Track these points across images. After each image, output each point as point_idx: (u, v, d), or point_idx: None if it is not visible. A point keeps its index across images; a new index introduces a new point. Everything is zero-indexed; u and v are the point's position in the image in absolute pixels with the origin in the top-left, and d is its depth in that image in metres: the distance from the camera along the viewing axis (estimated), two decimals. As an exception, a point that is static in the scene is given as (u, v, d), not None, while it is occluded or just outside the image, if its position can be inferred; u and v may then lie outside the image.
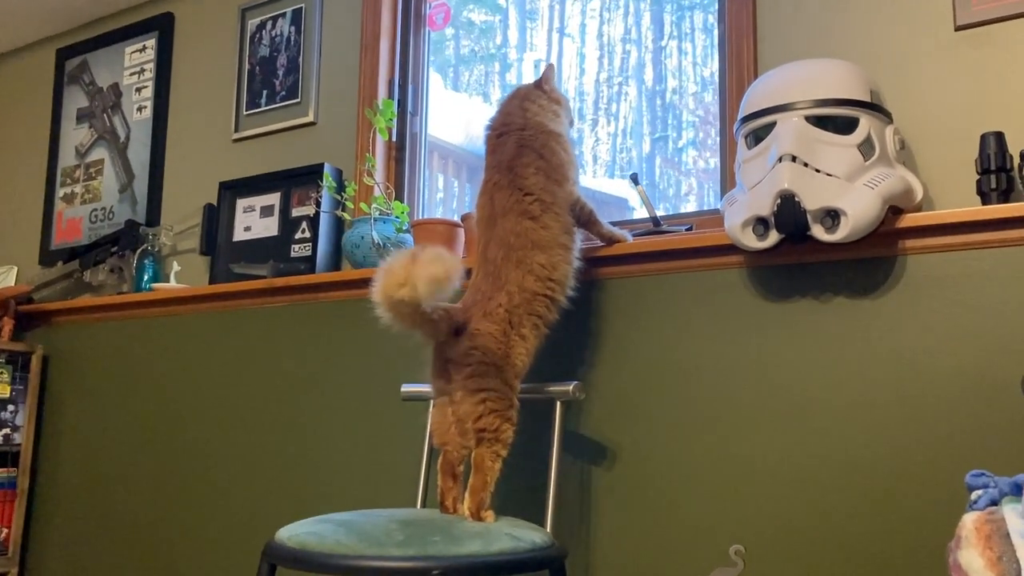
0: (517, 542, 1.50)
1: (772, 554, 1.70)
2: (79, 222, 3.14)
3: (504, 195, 1.74)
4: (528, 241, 1.70)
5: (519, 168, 1.75)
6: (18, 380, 2.87)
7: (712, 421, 1.81)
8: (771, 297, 1.79)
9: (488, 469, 1.60)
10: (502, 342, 1.64)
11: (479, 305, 1.68)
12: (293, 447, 2.40)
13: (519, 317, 1.67)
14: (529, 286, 1.68)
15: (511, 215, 1.72)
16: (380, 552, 1.40)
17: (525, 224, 1.71)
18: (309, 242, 2.51)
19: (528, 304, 1.69)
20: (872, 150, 1.63)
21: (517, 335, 1.67)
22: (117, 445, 2.75)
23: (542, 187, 1.74)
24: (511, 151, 1.78)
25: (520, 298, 1.68)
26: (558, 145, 1.80)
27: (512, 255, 1.70)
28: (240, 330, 2.56)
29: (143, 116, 3.05)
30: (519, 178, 1.74)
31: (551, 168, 1.76)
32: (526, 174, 1.75)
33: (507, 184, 1.75)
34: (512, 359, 1.65)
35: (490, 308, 1.67)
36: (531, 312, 1.69)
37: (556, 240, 1.73)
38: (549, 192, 1.74)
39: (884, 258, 1.68)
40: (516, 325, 1.67)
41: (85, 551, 2.76)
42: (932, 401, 1.61)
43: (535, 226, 1.71)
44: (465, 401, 1.61)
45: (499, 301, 1.67)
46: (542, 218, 1.72)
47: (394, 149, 2.57)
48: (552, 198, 1.74)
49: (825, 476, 1.68)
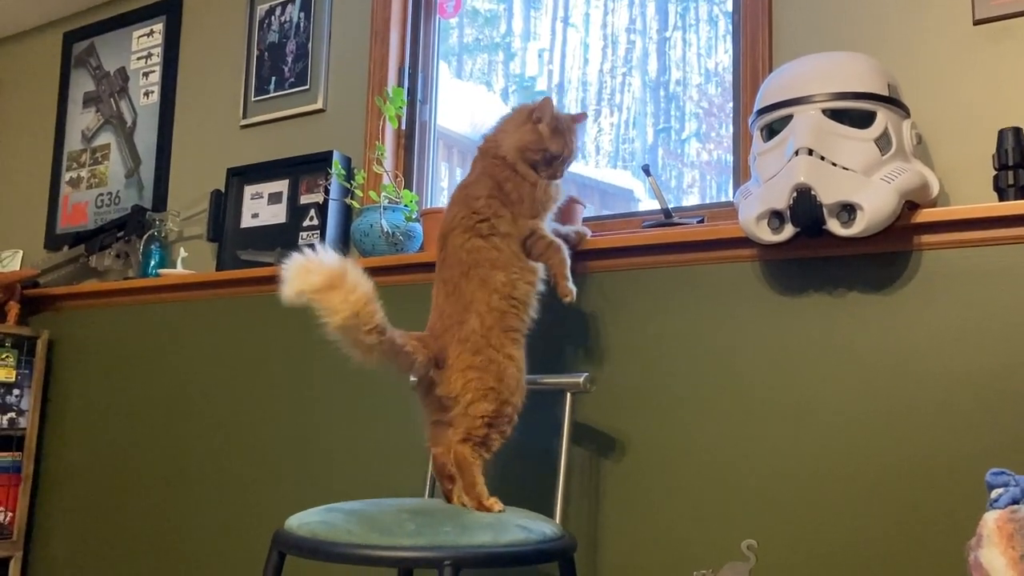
0: (528, 533, 1.50)
1: (785, 549, 1.70)
2: (85, 207, 3.13)
3: (455, 210, 1.73)
4: (484, 259, 1.67)
5: (474, 189, 1.73)
6: (23, 364, 2.87)
7: (724, 415, 1.80)
8: (784, 291, 1.78)
9: (471, 464, 1.59)
10: (491, 371, 1.60)
11: (451, 331, 1.64)
12: (300, 435, 2.40)
13: (498, 339, 1.63)
14: (496, 305, 1.65)
15: (458, 231, 1.70)
16: (391, 541, 1.40)
17: (475, 242, 1.68)
18: (317, 230, 2.50)
19: (501, 322, 1.65)
20: (889, 144, 1.62)
21: (504, 356, 1.63)
22: (122, 430, 2.75)
23: (494, 211, 1.70)
24: (475, 173, 1.77)
25: (492, 319, 1.64)
26: (524, 180, 1.73)
27: (472, 273, 1.67)
28: (247, 317, 2.56)
29: (150, 101, 3.04)
30: (472, 199, 1.72)
31: (507, 199, 1.72)
32: (479, 194, 1.71)
33: (461, 200, 1.73)
34: (506, 381, 1.62)
35: (464, 334, 1.63)
36: (507, 328, 1.65)
37: (511, 261, 1.68)
38: (501, 218, 1.70)
39: (899, 253, 1.67)
40: (499, 347, 1.63)
41: (90, 536, 2.76)
42: (948, 397, 1.60)
43: (486, 245, 1.68)
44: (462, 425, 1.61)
45: (472, 326, 1.63)
46: (491, 239, 1.68)
47: (403, 137, 2.56)
48: (504, 225, 1.70)
49: (838, 472, 1.67)
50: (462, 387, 1.60)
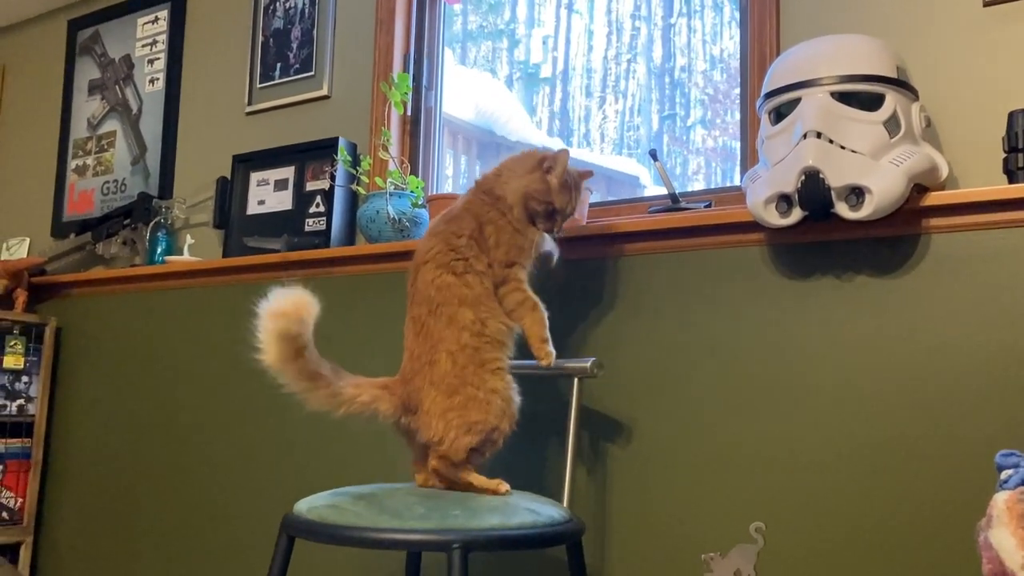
0: (536, 516, 1.50)
1: (793, 532, 1.70)
2: (91, 194, 3.13)
3: (432, 243, 1.65)
4: (453, 296, 1.60)
5: (457, 226, 1.65)
6: (32, 352, 2.88)
7: (731, 399, 1.80)
8: (792, 275, 1.78)
9: (459, 472, 1.58)
10: (472, 407, 1.55)
11: (422, 374, 1.58)
12: (308, 419, 2.40)
13: (475, 375, 1.56)
14: (467, 342, 1.58)
15: (431, 264, 1.62)
16: (400, 524, 1.40)
17: (446, 278, 1.61)
18: (323, 216, 2.50)
19: (476, 358, 1.57)
20: (898, 127, 1.61)
21: (486, 391, 1.56)
22: (130, 417, 2.76)
23: (474, 253, 1.63)
24: (460, 207, 1.69)
25: (464, 357, 1.57)
26: (508, 226, 1.66)
27: (440, 311, 1.60)
28: (254, 304, 2.55)
29: (155, 88, 3.03)
30: (453, 235, 1.64)
31: (484, 243, 1.65)
32: (461, 232, 1.64)
33: (440, 234, 1.66)
34: (492, 413, 1.56)
35: (437, 376, 1.56)
36: (483, 362, 1.58)
37: (482, 299, 1.61)
38: (479, 259, 1.63)
39: (908, 237, 1.67)
40: (478, 384, 1.56)
41: (99, 521, 2.78)
42: (957, 380, 1.60)
43: (457, 282, 1.61)
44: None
45: (444, 368, 1.56)
46: (464, 276, 1.61)
47: (409, 124, 2.55)
48: (481, 264, 1.63)
49: (847, 454, 1.67)
50: (443, 429, 1.55)
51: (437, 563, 2.10)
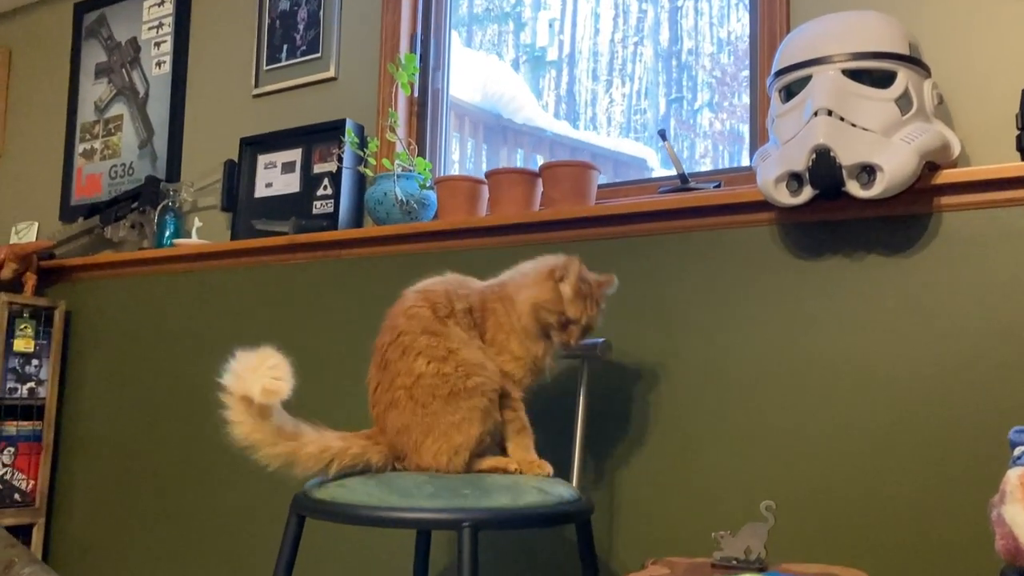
0: (545, 496, 1.50)
1: (804, 510, 1.70)
2: (99, 178, 3.14)
3: (432, 284, 1.61)
4: (418, 326, 1.53)
5: (465, 290, 1.60)
6: (41, 335, 2.89)
7: (741, 379, 1.80)
8: (803, 255, 1.77)
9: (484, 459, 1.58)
10: (456, 431, 1.50)
11: (391, 420, 1.53)
12: (316, 400, 2.41)
13: (448, 406, 1.49)
14: (423, 370, 1.51)
15: (416, 296, 1.58)
16: (410, 503, 1.41)
17: (422, 312, 1.55)
18: (331, 198, 2.50)
19: (440, 388, 1.49)
20: (910, 104, 1.60)
21: (467, 411, 1.49)
22: (140, 399, 2.77)
23: (465, 320, 1.56)
24: (473, 287, 1.62)
25: (422, 391, 1.50)
26: (511, 331, 1.57)
27: (400, 340, 1.54)
28: (262, 286, 2.56)
29: (162, 71, 3.03)
30: (455, 295, 1.58)
31: (483, 333, 1.58)
32: (465, 300, 1.58)
33: (448, 283, 1.61)
34: (474, 429, 1.50)
35: (404, 421, 1.51)
36: (451, 393, 1.49)
37: (452, 336, 1.53)
38: (467, 324, 1.57)
39: (920, 215, 1.66)
40: (453, 412, 1.49)
41: (110, 502, 2.79)
42: (969, 358, 1.59)
43: (431, 318, 1.54)
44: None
45: (407, 409, 1.51)
46: (444, 319, 1.55)
47: (416, 105, 2.54)
48: (464, 324, 1.56)
49: (858, 434, 1.67)
50: (435, 462, 1.51)
51: (447, 542, 2.11)
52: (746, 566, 1.44)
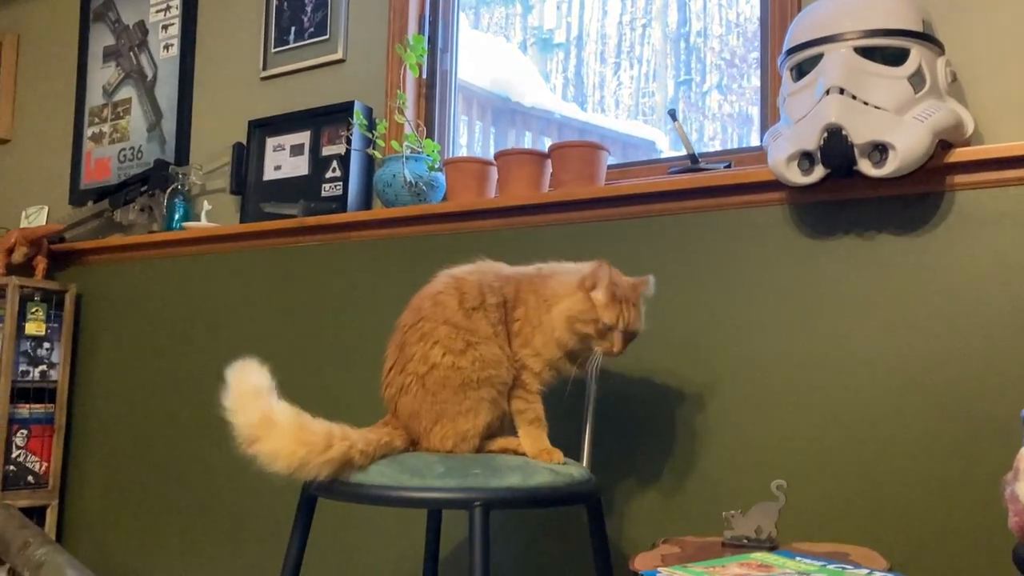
0: (556, 476, 1.50)
1: (815, 490, 1.70)
2: (108, 162, 3.14)
3: (468, 272, 1.60)
4: (440, 315, 1.54)
5: (499, 283, 1.59)
6: (53, 318, 2.90)
7: (752, 359, 1.80)
8: (814, 234, 1.76)
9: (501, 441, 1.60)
10: (461, 419, 1.52)
11: (403, 405, 1.54)
12: (325, 384, 2.42)
13: (456, 396, 1.51)
14: (437, 361, 1.51)
15: (447, 282, 1.57)
16: (422, 483, 1.41)
17: (449, 301, 1.55)
18: (340, 181, 2.50)
19: (451, 380, 1.50)
20: (923, 82, 1.59)
21: (474, 402, 1.51)
22: (151, 381, 2.78)
23: (495, 314, 1.56)
24: (513, 271, 1.62)
25: (435, 381, 1.51)
26: (539, 324, 1.56)
27: (420, 325, 1.54)
28: (271, 269, 2.57)
29: (170, 54, 3.02)
30: (488, 287, 1.57)
31: (511, 322, 1.57)
32: (498, 291, 1.57)
33: (482, 271, 1.60)
34: (480, 418, 1.52)
35: (415, 407, 1.53)
36: (461, 385, 1.50)
37: (476, 331, 1.54)
38: (495, 318, 1.56)
39: (932, 194, 1.65)
40: (460, 401, 1.51)
41: (123, 483, 2.81)
42: (981, 339, 1.58)
43: (457, 309, 1.54)
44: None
45: (417, 397, 1.52)
46: (471, 312, 1.54)
47: (424, 87, 2.54)
48: (493, 318, 1.56)
49: (869, 412, 1.67)
50: (443, 445, 1.53)
51: (458, 522, 2.11)
52: (757, 545, 1.44)
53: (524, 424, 1.57)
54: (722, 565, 1.27)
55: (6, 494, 2.73)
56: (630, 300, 1.53)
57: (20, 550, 2.51)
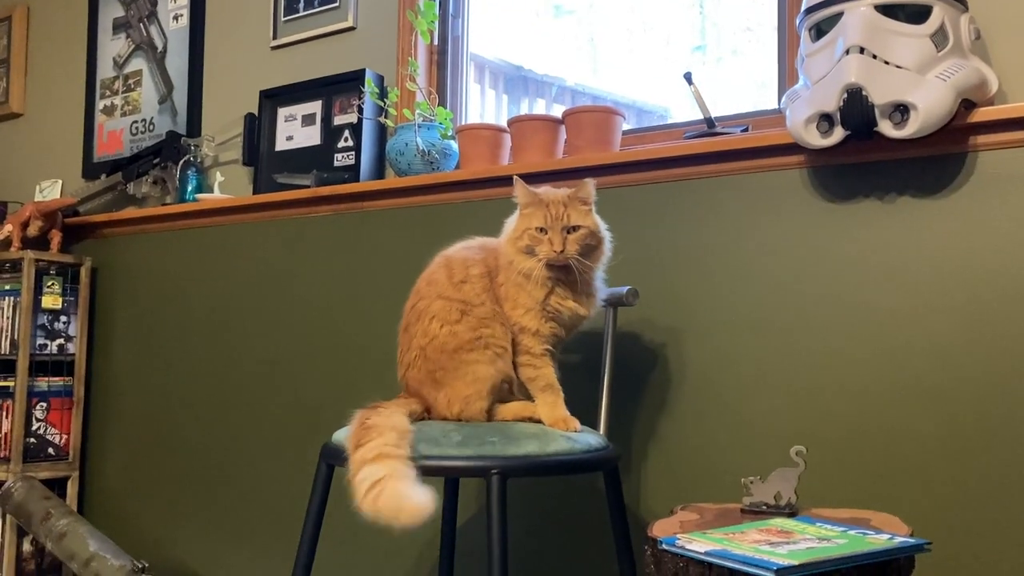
0: (573, 443, 1.50)
1: (834, 455, 1.69)
2: (120, 134, 3.13)
3: (461, 250, 1.63)
4: (434, 291, 1.58)
5: (479, 255, 1.62)
6: (69, 291, 2.91)
7: (771, 324, 1.78)
8: (834, 198, 1.74)
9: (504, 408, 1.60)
10: (461, 387, 1.53)
11: (414, 379, 1.58)
12: (342, 353, 2.42)
13: (453, 360, 1.53)
14: (436, 332, 1.55)
15: (439, 264, 1.61)
16: (439, 452, 1.41)
17: (439, 276, 1.59)
18: (352, 150, 2.48)
19: (448, 344, 1.53)
20: (945, 40, 1.55)
21: (471, 364, 1.52)
22: (168, 352, 2.80)
23: (478, 287, 1.57)
24: (478, 268, 1.60)
25: (434, 348, 1.54)
26: (510, 286, 1.57)
27: (419, 305, 1.59)
28: (285, 239, 2.56)
29: (180, 25, 3.00)
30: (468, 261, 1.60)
31: (497, 290, 1.58)
32: (476, 264, 1.60)
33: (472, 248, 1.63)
34: (480, 384, 1.53)
35: (421, 377, 1.56)
36: (457, 349, 1.53)
37: (468, 301, 1.56)
38: (483, 292, 1.57)
39: (955, 155, 1.61)
40: (457, 366, 1.53)
41: (142, 454, 2.84)
42: (1005, 301, 1.56)
43: (447, 283, 1.57)
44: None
45: (421, 368, 1.56)
46: (460, 285, 1.57)
47: (436, 54, 2.51)
48: (481, 292, 1.57)
49: (891, 377, 1.65)
50: (449, 410, 1.55)
51: (476, 490, 2.12)
52: (776, 511, 1.44)
53: (537, 392, 1.56)
54: (741, 531, 1.26)
55: (27, 466, 2.76)
56: (559, 200, 1.52)
57: (42, 521, 2.54)
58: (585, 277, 1.55)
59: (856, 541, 1.20)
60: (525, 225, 1.54)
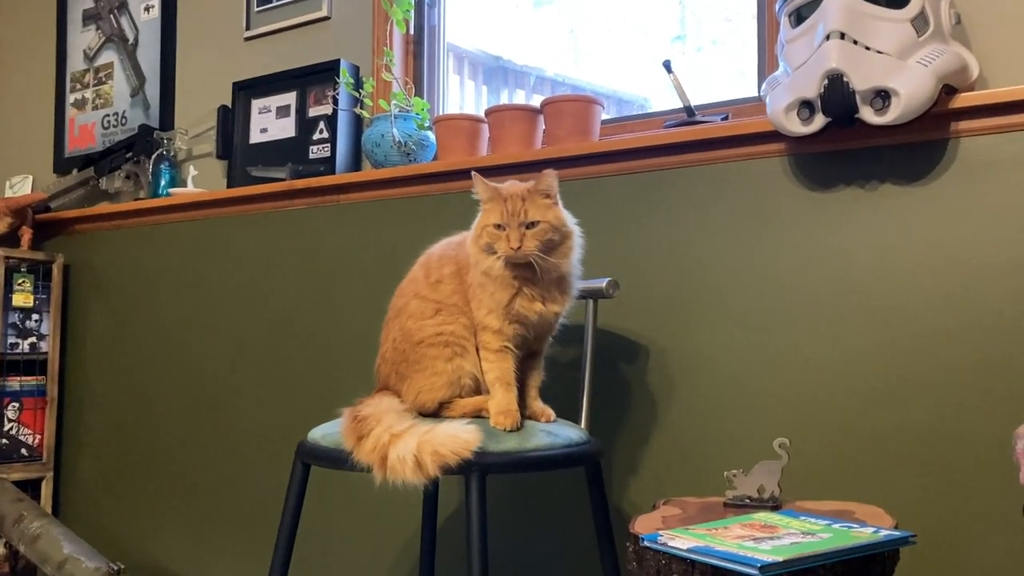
0: (553, 438, 1.48)
1: (817, 447, 1.67)
2: (92, 128, 3.07)
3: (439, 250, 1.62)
4: (410, 291, 1.59)
5: (451, 252, 1.60)
6: (40, 289, 2.85)
7: (752, 315, 1.76)
8: (815, 186, 1.71)
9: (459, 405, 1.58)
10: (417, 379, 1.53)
11: (387, 374, 1.60)
12: (318, 348, 2.38)
13: (415, 352, 1.53)
14: (408, 326, 1.55)
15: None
16: (416, 449, 1.38)
17: (416, 273, 1.61)
18: (328, 142, 2.44)
19: (412, 337, 1.54)
20: (926, 25, 1.53)
21: (429, 360, 1.52)
22: (141, 350, 2.75)
23: (450, 286, 1.56)
24: (450, 267, 1.58)
25: (403, 340, 1.56)
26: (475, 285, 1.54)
27: (396, 303, 1.62)
28: (260, 234, 2.52)
29: (151, 16, 2.94)
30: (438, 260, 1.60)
31: (466, 288, 1.56)
32: (448, 264, 1.58)
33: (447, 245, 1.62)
34: (437, 378, 1.52)
35: (391, 368, 1.58)
36: (419, 342, 1.53)
37: (442, 300, 1.56)
38: (454, 291, 1.56)
39: (937, 141, 1.60)
40: (418, 359, 1.53)
41: (117, 454, 2.79)
42: (988, 289, 1.54)
43: (423, 281, 1.58)
44: None
45: (390, 360, 1.58)
46: (436, 284, 1.56)
47: (412, 43, 2.47)
48: (453, 289, 1.56)
49: (873, 367, 1.63)
50: (406, 399, 1.54)
51: (455, 487, 2.09)
52: (760, 504, 1.42)
53: (488, 385, 1.51)
54: (725, 527, 1.24)
55: (0, 468, 2.70)
56: (517, 195, 1.46)
57: (15, 523, 2.49)
58: (551, 275, 1.49)
59: (841, 535, 1.18)
60: (484, 222, 1.48)
